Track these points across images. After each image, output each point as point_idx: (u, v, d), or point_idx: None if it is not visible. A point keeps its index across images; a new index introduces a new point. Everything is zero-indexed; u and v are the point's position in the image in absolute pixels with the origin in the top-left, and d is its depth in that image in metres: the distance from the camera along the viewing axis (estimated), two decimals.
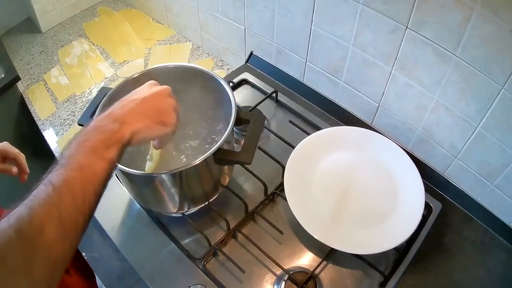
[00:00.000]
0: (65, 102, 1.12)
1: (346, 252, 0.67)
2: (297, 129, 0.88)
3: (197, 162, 0.59)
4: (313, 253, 0.71)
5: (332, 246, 0.68)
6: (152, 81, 0.55)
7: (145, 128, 0.48)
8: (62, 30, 1.35)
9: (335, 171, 0.79)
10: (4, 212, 0.73)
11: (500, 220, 0.73)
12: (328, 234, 0.69)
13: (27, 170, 0.72)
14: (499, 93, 0.61)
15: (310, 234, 0.68)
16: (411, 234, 0.68)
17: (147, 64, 1.21)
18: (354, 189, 0.76)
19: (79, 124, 0.67)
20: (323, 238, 0.68)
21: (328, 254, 0.70)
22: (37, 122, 1.08)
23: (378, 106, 0.84)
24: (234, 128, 0.80)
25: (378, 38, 0.74)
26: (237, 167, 0.78)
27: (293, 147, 0.80)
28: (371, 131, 0.83)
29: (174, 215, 0.76)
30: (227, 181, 0.75)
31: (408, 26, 0.67)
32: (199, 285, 0.66)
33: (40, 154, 1.29)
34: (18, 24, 1.38)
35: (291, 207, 0.71)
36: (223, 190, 0.75)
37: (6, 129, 1.22)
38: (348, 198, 0.75)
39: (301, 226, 0.69)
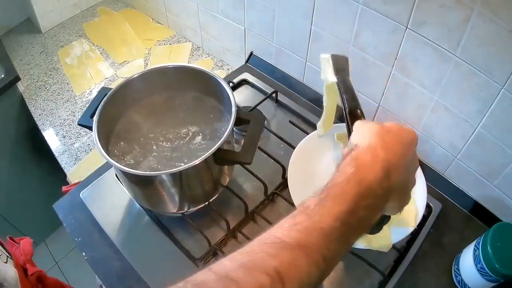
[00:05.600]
0: (65, 102, 1.12)
1: None
2: (297, 129, 0.88)
3: (197, 162, 0.59)
4: None
5: None
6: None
7: (406, 179, 0.28)
8: (62, 30, 1.35)
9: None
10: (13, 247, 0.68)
11: (500, 220, 0.73)
12: None
13: None
14: (499, 93, 0.61)
15: None
16: (411, 234, 0.67)
17: (147, 64, 1.21)
18: None
19: (79, 124, 0.67)
20: None
21: None
22: (37, 122, 1.08)
23: (378, 106, 0.84)
24: (234, 128, 0.80)
25: (378, 38, 0.73)
26: (237, 167, 0.78)
27: (293, 147, 0.80)
28: None
29: (174, 215, 0.76)
30: (227, 181, 0.75)
31: (408, 26, 0.67)
32: None
33: (40, 154, 1.29)
34: (18, 24, 1.38)
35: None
36: (223, 190, 0.75)
37: (6, 129, 1.22)
38: None
39: None
